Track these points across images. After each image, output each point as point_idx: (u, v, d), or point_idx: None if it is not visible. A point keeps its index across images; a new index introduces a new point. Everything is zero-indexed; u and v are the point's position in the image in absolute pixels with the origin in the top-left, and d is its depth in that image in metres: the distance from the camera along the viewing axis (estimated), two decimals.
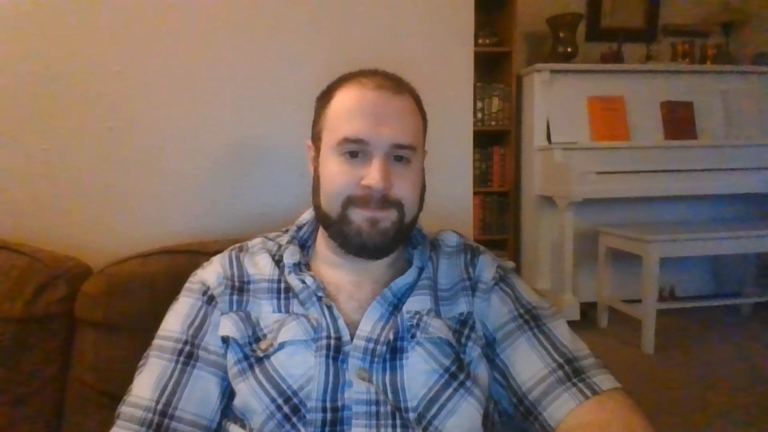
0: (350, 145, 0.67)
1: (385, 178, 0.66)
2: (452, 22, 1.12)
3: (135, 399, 0.65)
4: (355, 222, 0.67)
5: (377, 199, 0.67)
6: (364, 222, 0.67)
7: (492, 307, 0.73)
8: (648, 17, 3.35)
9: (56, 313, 0.84)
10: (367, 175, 0.66)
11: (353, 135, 0.67)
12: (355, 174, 0.67)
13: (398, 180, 0.68)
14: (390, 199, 0.68)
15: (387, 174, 0.67)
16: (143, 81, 1.02)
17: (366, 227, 0.67)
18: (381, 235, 0.68)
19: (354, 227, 0.68)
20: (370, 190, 0.66)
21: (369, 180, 0.66)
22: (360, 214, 0.67)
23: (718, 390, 2.07)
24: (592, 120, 2.91)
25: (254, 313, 0.70)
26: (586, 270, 2.94)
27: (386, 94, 0.69)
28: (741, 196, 2.95)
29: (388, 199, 0.67)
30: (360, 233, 0.67)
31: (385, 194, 0.67)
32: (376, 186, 0.66)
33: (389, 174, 0.67)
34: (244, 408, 0.65)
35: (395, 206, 0.68)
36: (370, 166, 0.67)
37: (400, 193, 0.68)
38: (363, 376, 0.64)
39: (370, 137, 0.67)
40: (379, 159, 0.67)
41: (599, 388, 0.64)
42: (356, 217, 0.67)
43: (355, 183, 0.67)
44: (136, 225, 1.04)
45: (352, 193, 0.67)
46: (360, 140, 0.67)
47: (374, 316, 0.68)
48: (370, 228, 0.67)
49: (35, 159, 1.00)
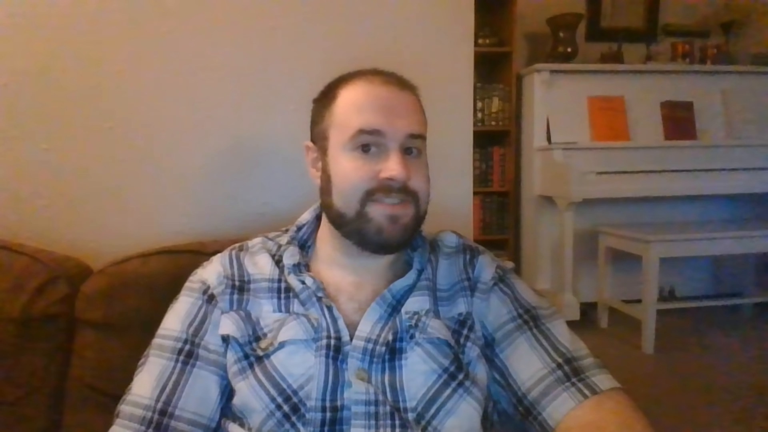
0: (365, 137, 0.67)
1: (406, 168, 0.66)
2: (452, 22, 1.12)
3: (135, 398, 0.65)
4: (375, 219, 0.67)
5: (398, 189, 0.67)
6: (384, 219, 0.67)
7: (491, 307, 0.73)
8: (648, 17, 3.35)
9: (56, 313, 0.84)
10: (386, 168, 0.66)
11: (368, 126, 0.67)
12: (372, 168, 0.67)
13: (413, 172, 0.68)
14: (409, 190, 0.68)
15: (406, 165, 0.67)
16: (143, 81, 1.02)
17: (387, 224, 0.67)
18: (402, 231, 0.68)
19: (374, 225, 0.67)
20: (390, 182, 0.66)
21: (389, 172, 0.66)
22: (379, 210, 0.67)
23: (718, 390, 2.07)
24: (592, 120, 2.91)
25: (254, 313, 0.70)
26: (586, 270, 2.94)
27: (394, 88, 0.70)
28: (741, 196, 2.95)
29: (407, 190, 0.68)
30: (381, 231, 0.67)
31: (405, 185, 0.67)
32: (399, 177, 0.66)
33: (408, 165, 0.67)
34: (243, 407, 0.65)
35: (413, 198, 0.68)
36: (387, 160, 0.67)
37: (416, 185, 0.69)
38: (362, 376, 0.64)
39: (386, 128, 0.67)
40: (396, 151, 0.67)
41: (598, 388, 0.65)
42: (376, 214, 0.67)
43: (373, 177, 0.67)
44: (136, 225, 1.04)
45: (371, 187, 0.67)
46: (376, 131, 0.67)
47: (373, 317, 0.68)
48: (390, 225, 0.67)
49: (35, 159, 1.00)
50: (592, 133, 2.90)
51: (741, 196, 2.98)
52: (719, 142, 2.91)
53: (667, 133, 2.94)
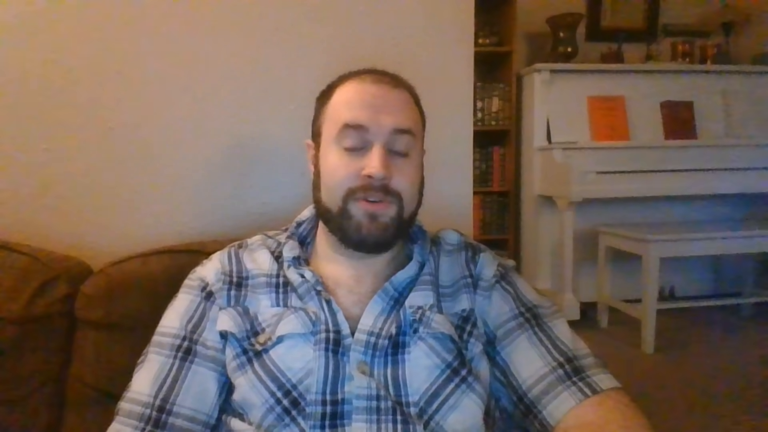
0: (350, 131, 0.68)
1: (385, 166, 0.66)
2: (452, 22, 1.12)
3: (133, 395, 0.66)
4: (355, 217, 0.67)
5: (377, 188, 0.67)
6: (364, 217, 0.67)
7: (493, 305, 0.73)
8: (648, 17, 3.35)
9: (56, 313, 0.84)
10: (368, 164, 0.66)
11: (353, 120, 0.67)
12: (356, 166, 0.67)
13: (398, 173, 0.68)
14: (390, 189, 0.68)
15: (387, 162, 0.67)
16: (143, 81, 1.02)
17: (366, 222, 0.67)
18: (381, 230, 0.68)
19: (354, 222, 0.67)
20: (370, 179, 0.66)
21: (369, 169, 0.66)
22: (360, 208, 0.67)
23: (718, 390, 2.07)
24: (592, 120, 2.91)
25: (252, 308, 0.70)
26: (586, 270, 2.94)
27: (385, 87, 0.70)
28: (741, 196, 2.95)
29: (387, 190, 0.67)
30: (360, 228, 0.67)
31: (385, 184, 0.67)
32: (377, 174, 0.66)
33: (389, 163, 0.67)
34: (243, 402, 0.66)
35: (394, 198, 0.68)
36: (370, 156, 0.67)
37: (400, 186, 0.68)
38: (364, 369, 0.64)
39: (370, 123, 0.67)
40: (378, 147, 0.67)
41: (599, 387, 0.65)
42: (356, 212, 0.67)
43: (356, 174, 0.67)
44: (136, 225, 1.04)
45: (353, 185, 0.67)
46: (360, 126, 0.67)
47: (375, 310, 0.68)
48: (369, 223, 0.67)
49: (35, 159, 1.00)
50: (592, 132, 2.90)
51: (741, 196, 2.98)
52: (719, 142, 2.90)
53: (667, 133, 2.94)
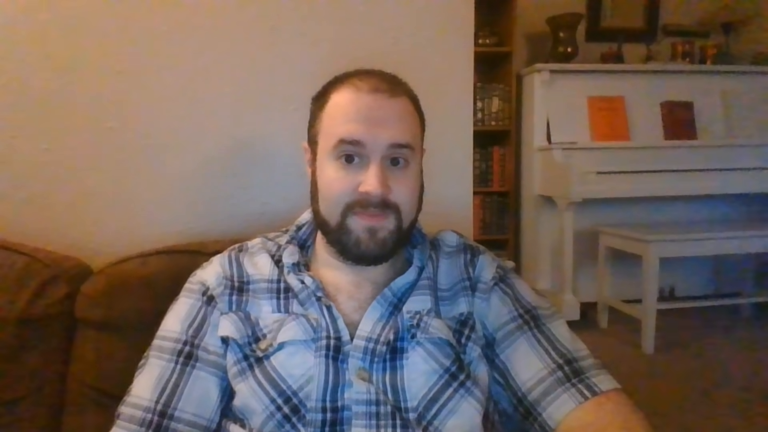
0: (346, 146, 0.67)
1: (383, 183, 0.66)
2: (452, 22, 1.12)
3: (134, 399, 0.65)
4: (354, 232, 0.67)
5: (375, 204, 0.66)
6: (362, 232, 0.67)
7: (492, 307, 0.73)
8: (648, 17, 3.35)
9: (56, 313, 0.84)
10: (365, 180, 0.66)
11: (349, 136, 0.66)
12: (353, 180, 0.67)
13: (396, 184, 0.67)
14: (388, 203, 0.67)
15: (384, 179, 0.66)
16: (143, 81, 1.02)
17: (365, 238, 0.67)
18: (380, 245, 0.67)
19: (353, 237, 0.67)
20: (368, 195, 0.66)
21: (366, 186, 0.65)
22: (358, 222, 0.67)
23: (718, 390, 2.07)
24: (592, 120, 2.91)
25: (254, 313, 0.70)
26: (586, 270, 2.94)
27: (382, 97, 0.68)
28: (741, 196, 2.95)
29: (386, 204, 0.67)
30: (359, 244, 0.67)
31: (384, 199, 0.66)
32: (374, 192, 0.65)
33: (387, 179, 0.67)
34: (243, 408, 0.65)
35: (393, 211, 0.68)
36: (367, 171, 0.66)
37: (398, 198, 0.68)
38: (363, 376, 0.64)
39: (367, 139, 0.66)
40: (376, 163, 0.66)
41: (599, 388, 0.65)
42: (355, 227, 0.67)
43: (353, 189, 0.66)
44: (136, 225, 1.04)
45: (351, 200, 0.67)
46: (356, 141, 0.66)
47: (374, 316, 0.68)
48: (368, 239, 0.67)
49: (35, 159, 1.00)
50: (592, 133, 2.90)
51: (741, 196, 2.97)
52: (719, 142, 2.90)
53: (667, 133, 2.94)
